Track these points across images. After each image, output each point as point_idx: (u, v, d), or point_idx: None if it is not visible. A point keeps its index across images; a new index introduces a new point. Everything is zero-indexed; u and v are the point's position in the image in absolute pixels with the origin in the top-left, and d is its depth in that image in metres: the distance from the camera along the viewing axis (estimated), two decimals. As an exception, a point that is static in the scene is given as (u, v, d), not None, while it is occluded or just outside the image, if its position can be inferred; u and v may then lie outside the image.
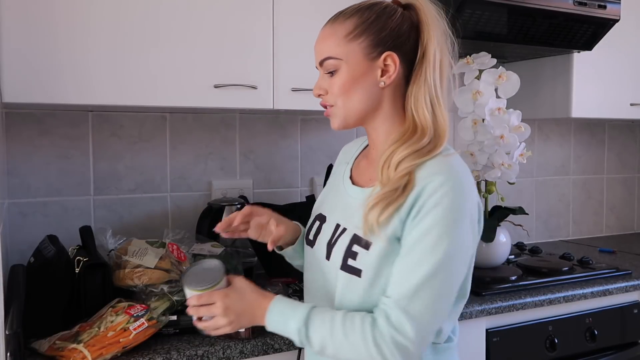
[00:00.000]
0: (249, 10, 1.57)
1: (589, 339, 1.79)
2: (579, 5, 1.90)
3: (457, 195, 0.98)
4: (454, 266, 0.99)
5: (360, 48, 1.05)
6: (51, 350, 1.21)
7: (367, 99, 1.07)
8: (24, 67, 1.34)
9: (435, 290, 0.97)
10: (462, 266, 1.02)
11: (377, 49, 1.05)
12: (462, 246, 0.99)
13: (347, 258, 1.05)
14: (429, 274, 0.96)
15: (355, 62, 1.05)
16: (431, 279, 0.96)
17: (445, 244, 0.96)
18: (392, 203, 0.99)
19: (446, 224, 0.97)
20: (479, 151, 1.76)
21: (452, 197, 0.97)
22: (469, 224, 1.00)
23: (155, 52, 1.47)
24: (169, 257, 1.43)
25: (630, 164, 2.88)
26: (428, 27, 1.05)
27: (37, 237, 1.55)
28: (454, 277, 1.00)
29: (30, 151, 1.66)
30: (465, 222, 0.99)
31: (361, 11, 1.07)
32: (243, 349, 1.31)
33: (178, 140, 1.86)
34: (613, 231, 2.83)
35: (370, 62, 1.05)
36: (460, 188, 0.99)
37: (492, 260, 1.85)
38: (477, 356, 1.62)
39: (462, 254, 1.00)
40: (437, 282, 0.96)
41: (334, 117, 1.11)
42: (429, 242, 0.97)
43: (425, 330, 0.98)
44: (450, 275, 0.99)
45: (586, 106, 2.19)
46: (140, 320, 1.27)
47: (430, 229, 0.97)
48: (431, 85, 1.03)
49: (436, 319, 0.99)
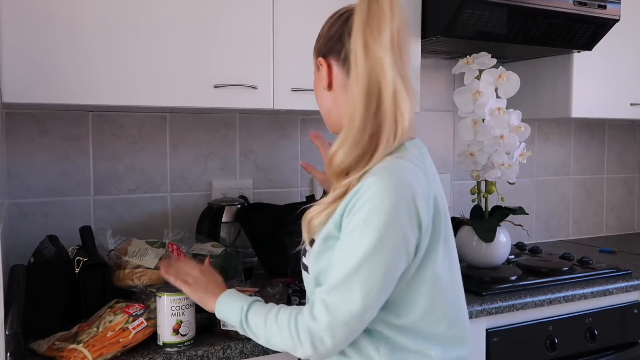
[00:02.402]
0: (249, 10, 1.57)
1: (589, 339, 1.79)
2: (579, 5, 1.90)
3: (386, 198, 0.97)
4: (375, 268, 0.97)
5: (315, 56, 1.17)
6: (50, 351, 1.21)
7: (324, 104, 1.17)
8: (24, 67, 1.34)
9: (353, 288, 0.98)
10: (385, 269, 0.98)
11: (317, 56, 1.15)
12: (385, 251, 0.97)
13: (303, 256, 1.14)
14: (348, 272, 0.98)
15: (315, 69, 1.17)
16: (350, 277, 0.98)
17: (366, 245, 0.97)
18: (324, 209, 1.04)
19: (368, 226, 0.97)
20: (479, 151, 1.76)
21: (376, 200, 0.97)
22: (397, 229, 0.98)
23: (155, 52, 1.47)
24: (169, 258, 1.43)
25: (631, 163, 2.88)
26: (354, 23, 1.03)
27: (37, 237, 1.55)
28: (373, 279, 0.98)
29: (30, 151, 1.66)
30: (392, 226, 0.97)
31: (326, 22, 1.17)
32: (243, 349, 1.31)
33: (178, 140, 1.86)
34: (613, 231, 2.83)
35: (317, 72, 1.16)
36: (391, 192, 0.98)
37: (492, 260, 1.85)
38: (477, 356, 1.62)
39: (386, 258, 0.98)
40: (355, 280, 0.97)
41: None
42: (352, 240, 0.99)
43: (339, 322, 0.99)
44: (369, 276, 0.97)
45: (586, 106, 2.19)
46: (139, 319, 1.27)
47: (356, 227, 0.98)
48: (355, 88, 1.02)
49: (354, 315, 0.98)
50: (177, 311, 1.26)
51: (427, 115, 2.26)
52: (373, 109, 1.01)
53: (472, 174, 1.82)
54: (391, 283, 1.01)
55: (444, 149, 2.35)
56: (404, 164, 1.03)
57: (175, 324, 1.26)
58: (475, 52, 1.79)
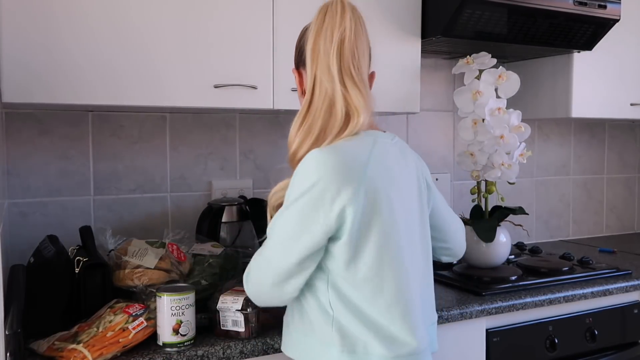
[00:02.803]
0: (249, 11, 1.57)
1: (589, 339, 1.79)
2: (579, 5, 1.90)
3: (296, 179, 1.09)
4: (281, 240, 1.09)
5: None
6: (50, 351, 1.21)
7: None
8: (24, 67, 1.34)
9: (263, 254, 1.13)
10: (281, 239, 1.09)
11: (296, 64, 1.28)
12: (288, 223, 1.08)
13: None
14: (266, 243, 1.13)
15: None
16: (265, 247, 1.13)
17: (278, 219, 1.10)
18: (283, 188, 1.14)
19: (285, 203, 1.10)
20: (479, 151, 1.76)
21: (294, 180, 1.10)
22: (296, 203, 1.07)
23: (155, 52, 1.47)
24: (169, 258, 1.43)
25: (631, 163, 2.88)
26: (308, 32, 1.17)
27: (37, 237, 1.55)
28: (278, 250, 1.10)
29: (30, 151, 1.66)
30: (294, 203, 1.07)
31: None
32: (243, 349, 1.31)
33: (178, 140, 1.86)
34: (613, 231, 2.83)
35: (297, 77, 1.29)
36: (299, 174, 1.09)
37: (492, 260, 1.85)
38: (477, 356, 1.62)
39: (287, 229, 1.08)
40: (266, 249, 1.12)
41: None
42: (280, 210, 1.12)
43: (251, 281, 1.16)
44: (275, 246, 1.10)
45: (586, 106, 2.19)
46: (139, 319, 1.27)
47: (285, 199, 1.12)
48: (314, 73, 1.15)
49: (262, 274, 1.13)
50: (177, 311, 1.27)
51: (427, 115, 2.26)
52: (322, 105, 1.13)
53: (472, 174, 1.82)
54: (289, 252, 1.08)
55: (444, 149, 2.35)
56: (347, 144, 1.11)
57: (175, 324, 1.26)
58: (475, 52, 1.79)
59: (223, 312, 1.32)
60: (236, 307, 1.31)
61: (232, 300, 1.32)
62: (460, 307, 1.57)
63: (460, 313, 1.56)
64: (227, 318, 1.32)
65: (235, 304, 1.31)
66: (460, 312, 1.56)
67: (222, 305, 1.32)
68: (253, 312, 1.32)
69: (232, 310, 1.31)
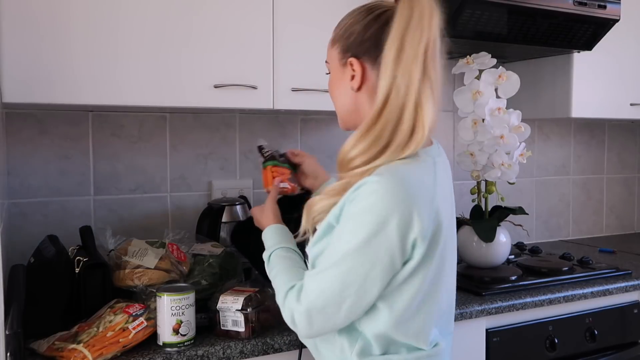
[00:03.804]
0: (249, 10, 1.57)
1: (589, 339, 1.79)
2: (579, 5, 1.90)
3: (380, 201, 0.96)
4: (354, 266, 0.97)
5: (336, 54, 1.13)
6: (50, 351, 1.21)
7: (345, 102, 1.13)
8: (24, 67, 1.34)
9: (330, 280, 0.99)
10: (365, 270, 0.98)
11: (345, 54, 1.10)
12: (367, 252, 0.97)
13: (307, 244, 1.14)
14: (330, 263, 1.00)
15: (334, 67, 1.14)
16: (330, 268, 1.00)
17: (350, 241, 0.97)
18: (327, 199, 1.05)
19: (357, 223, 0.97)
20: (479, 151, 1.76)
21: (374, 200, 0.96)
22: (383, 234, 0.96)
23: (155, 52, 1.47)
24: (169, 258, 1.43)
25: (630, 163, 2.88)
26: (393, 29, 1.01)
27: (37, 237, 1.55)
28: (351, 276, 0.98)
29: (30, 151, 1.66)
30: (378, 230, 0.96)
31: (345, 18, 1.13)
32: (243, 349, 1.31)
33: (178, 140, 1.86)
34: (613, 231, 2.83)
35: (343, 68, 1.12)
36: (387, 196, 0.96)
37: (492, 260, 1.85)
38: (477, 356, 1.62)
39: (366, 258, 0.97)
40: (334, 272, 0.99)
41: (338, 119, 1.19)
42: (340, 234, 1.00)
43: (317, 308, 1.01)
44: (347, 272, 0.98)
45: (586, 106, 2.19)
46: (139, 319, 1.27)
47: (347, 221, 0.99)
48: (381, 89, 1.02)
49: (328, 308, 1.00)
50: (177, 311, 1.27)
51: (427, 115, 2.26)
52: (393, 116, 1.01)
53: (472, 174, 1.82)
54: (371, 286, 0.99)
55: (444, 149, 2.34)
56: (412, 170, 1.01)
57: (175, 324, 1.26)
58: (475, 52, 1.78)
59: (223, 312, 1.32)
60: (236, 307, 1.31)
61: (232, 300, 1.32)
62: (460, 307, 1.57)
63: (460, 313, 1.56)
64: (227, 318, 1.32)
65: (235, 304, 1.31)
66: (460, 312, 1.56)
67: (222, 305, 1.32)
68: (253, 312, 1.32)
69: (232, 310, 1.31)
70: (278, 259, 1.17)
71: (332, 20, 1.68)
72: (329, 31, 1.22)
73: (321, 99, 1.67)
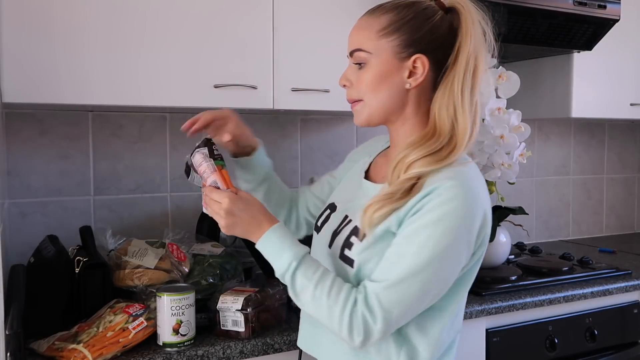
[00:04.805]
0: (249, 10, 1.57)
1: (589, 339, 1.79)
2: (579, 5, 1.90)
3: (462, 204, 0.96)
4: (437, 272, 0.97)
5: (390, 46, 1.04)
6: (50, 351, 1.21)
7: (392, 98, 1.05)
8: (23, 67, 1.34)
9: (412, 288, 0.96)
10: (446, 274, 0.99)
11: (408, 49, 1.03)
12: (451, 255, 0.97)
13: (344, 248, 1.06)
14: (411, 271, 0.95)
15: (384, 59, 1.04)
16: (409, 278, 0.96)
17: (432, 248, 0.95)
18: (389, 204, 0.99)
19: (442, 228, 0.95)
20: (479, 151, 1.76)
21: (456, 204, 0.96)
22: (465, 236, 0.98)
23: (155, 52, 1.47)
24: (169, 258, 1.43)
25: (630, 164, 2.88)
26: (466, 34, 1.02)
27: (37, 237, 1.55)
28: (433, 282, 0.97)
29: (30, 151, 1.66)
30: (462, 233, 0.97)
31: (399, 8, 1.05)
32: (243, 349, 1.31)
33: (178, 140, 1.86)
34: (613, 231, 2.83)
35: (399, 62, 1.04)
36: (468, 199, 0.97)
37: (492, 260, 1.85)
38: (477, 356, 1.62)
39: (449, 263, 0.98)
40: (416, 280, 0.96)
41: (360, 113, 1.08)
42: (420, 240, 0.96)
43: (391, 323, 0.97)
44: (430, 278, 0.97)
45: (586, 106, 2.19)
46: (139, 319, 1.27)
47: (426, 227, 0.96)
48: (457, 93, 1.01)
49: (405, 315, 0.99)
50: (177, 311, 1.27)
51: (427, 115, 2.26)
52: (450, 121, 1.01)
53: (472, 174, 1.82)
54: (445, 289, 1.00)
55: (444, 149, 2.35)
56: (475, 172, 1.03)
57: (175, 324, 1.26)
58: (475, 52, 1.78)
59: (223, 312, 1.32)
60: (236, 307, 1.31)
61: (232, 300, 1.32)
62: (460, 307, 1.57)
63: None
64: (227, 318, 1.32)
65: (235, 304, 1.31)
66: (460, 312, 1.56)
67: (222, 305, 1.32)
68: (253, 312, 1.32)
69: (232, 310, 1.31)
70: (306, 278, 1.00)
71: (332, 20, 1.69)
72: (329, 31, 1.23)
73: (321, 99, 1.67)
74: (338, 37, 1.66)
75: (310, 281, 0.99)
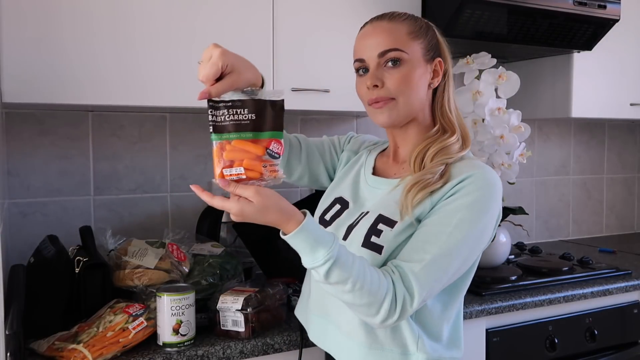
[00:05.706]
0: (249, 10, 1.57)
1: (589, 339, 1.79)
2: (579, 5, 1.90)
3: (490, 193, 1.08)
4: (465, 254, 1.06)
5: (419, 48, 1.14)
6: (50, 351, 1.21)
7: (421, 96, 1.15)
8: (23, 67, 1.34)
9: (443, 268, 1.03)
10: (472, 255, 1.09)
11: (430, 52, 1.16)
12: (479, 239, 1.08)
13: (370, 235, 1.09)
14: (444, 252, 1.03)
15: (416, 60, 1.14)
16: (444, 257, 1.03)
17: (466, 230, 1.04)
18: (428, 185, 1.07)
19: (473, 213, 1.05)
20: (479, 151, 1.76)
21: (485, 192, 1.07)
22: (491, 221, 1.09)
23: (155, 52, 1.47)
24: (169, 258, 1.43)
25: (630, 164, 2.88)
26: (445, 45, 1.19)
27: (37, 237, 1.55)
28: (461, 262, 1.06)
29: (30, 151, 1.66)
30: (488, 219, 1.08)
31: (413, 17, 1.17)
32: (243, 349, 1.31)
33: (178, 140, 1.86)
34: (613, 231, 2.83)
35: (426, 63, 1.15)
36: (493, 189, 1.09)
37: (492, 260, 1.85)
38: (477, 356, 1.62)
39: (476, 246, 1.08)
40: (447, 261, 1.03)
41: (390, 110, 1.13)
42: (455, 222, 1.04)
43: (424, 300, 1.03)
44: (458, 260, 1.05)
45: (586, 106, 2.19)
46: (139, 319, 1.27)
47: (460, 210, 1.05)
48: (451, 95, 1.18)
49: (434, 292, 1.06)
50: (177, 311, 1.27)
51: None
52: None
53: (472, 174, 1.82)
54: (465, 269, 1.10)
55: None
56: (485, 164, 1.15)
57: (175, 324, 1.26)
58: (475, 52, 1.78)
59: (223, 312, 1.32)
60: (236, 307, 1.31)
61: (232, 300, 1.32)
62: (460, 307, 1.57)
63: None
64: (227, 318, 1.32)
65: (235, 304, 1.31)
66: (460, 312, 1.56)
67: (222, 305, 1.32)
68: (253, 312, 1.32)
69: (232, 310, 1.31)
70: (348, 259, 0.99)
71: (332, 20, 1.69)
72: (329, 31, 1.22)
73: (321, 99, 1.67)
74: (338, 37, 1.67)
75: (349, 274, 0.97)
